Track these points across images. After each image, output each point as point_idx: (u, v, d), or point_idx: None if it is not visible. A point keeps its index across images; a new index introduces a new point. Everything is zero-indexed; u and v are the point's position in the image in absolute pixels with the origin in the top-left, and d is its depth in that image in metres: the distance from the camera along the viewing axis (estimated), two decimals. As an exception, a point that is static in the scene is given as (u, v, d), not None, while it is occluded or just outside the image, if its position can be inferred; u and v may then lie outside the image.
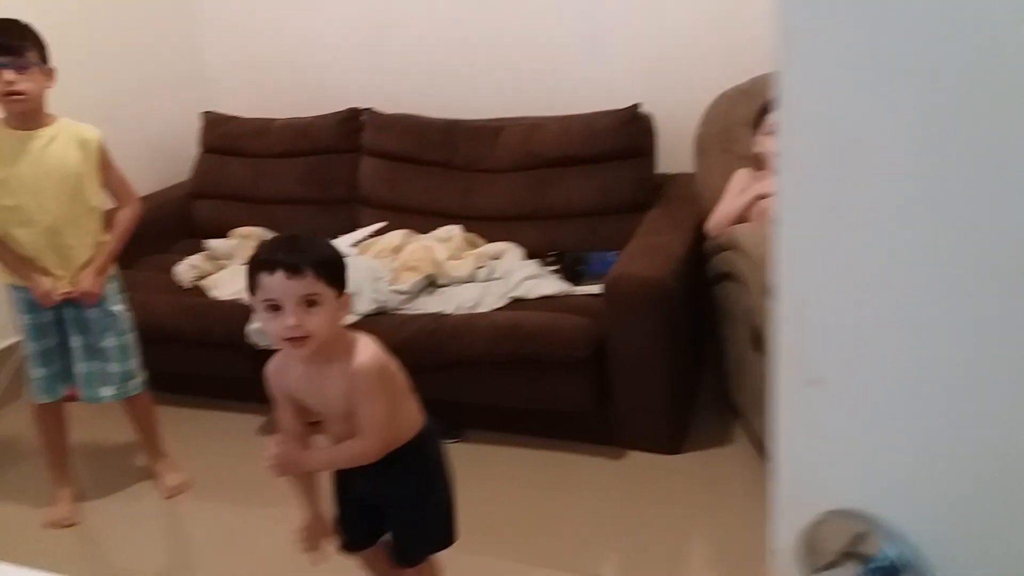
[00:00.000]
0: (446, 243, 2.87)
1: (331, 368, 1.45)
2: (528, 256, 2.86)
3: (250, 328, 2.56)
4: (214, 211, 3.37)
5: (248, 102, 3.55)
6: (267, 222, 3.24)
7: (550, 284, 2.60)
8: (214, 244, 3.10)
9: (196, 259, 3.00)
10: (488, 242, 2.95)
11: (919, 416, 0.46)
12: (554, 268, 2.75)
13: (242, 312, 2.61)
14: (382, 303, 2.56)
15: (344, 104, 3.34)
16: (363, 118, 3.29)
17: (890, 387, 0.46)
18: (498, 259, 2.81)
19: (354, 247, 2.93)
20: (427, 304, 2.60)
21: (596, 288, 2.47)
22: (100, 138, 2.21)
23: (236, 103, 3.54)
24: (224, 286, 2.82)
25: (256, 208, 3.31)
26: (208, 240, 3.14)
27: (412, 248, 2.79)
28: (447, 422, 2.57)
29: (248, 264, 1.40)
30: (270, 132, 3.37)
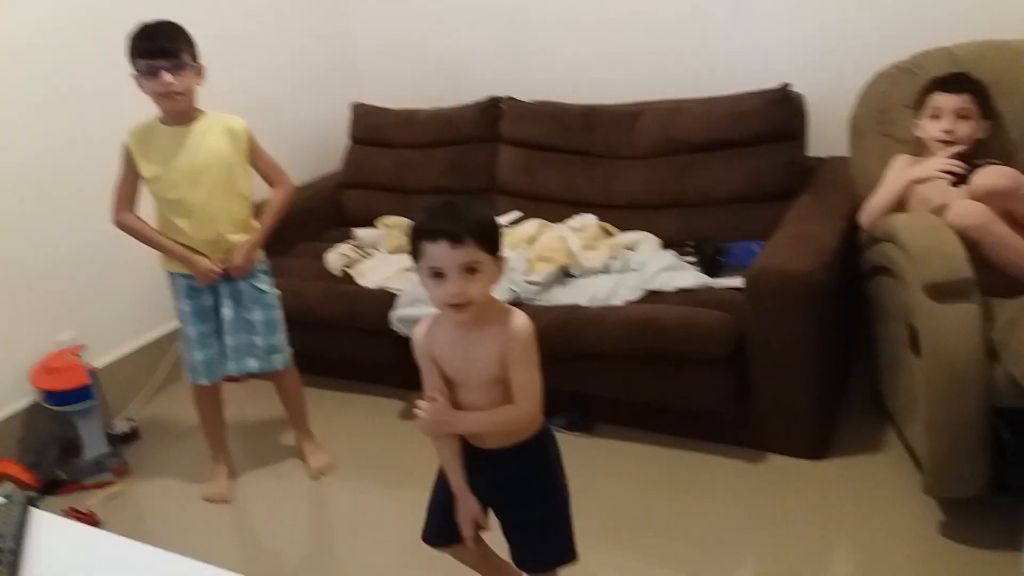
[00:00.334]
0: (580, 233, 2.84)
1: (484, 332, 1.45)
2: (665, 246, 2.77)
3: (394, 315, 2.65)
4: (362, 201, 3.51)
5: (395, 93, 3.65)
6: (411, 213, 3.31)
7: (688, 276, 2.51)
8: (361, 233, 3.22)
9: (345, 247, 3.13)
10: (624, 231, 2.89)
11: None
12: (692, 259, 2.65)
13: (387, 300, 2.70)
14: (516, 294, 2.57)
15: (485, 93, 3.36)
16: (503, 106, 3.31)
17: None
18: (633, 249, 2.74)
19: (491, 237, 2.96)
20: (560, 295, 2.58)
21: (737, 281, 2.36)
22: (246, 126, 2.33)
23: (384, 94, 3.65)
24: (370, 274, 2.93)
25: (400, 198, 3.41)
26: (356, 229, 3.27)
27: (546, 238, 2.77)
28: (576, 413, 2.57)
29: (411, 231, 1.44)
30: (415, 123, 3.45)
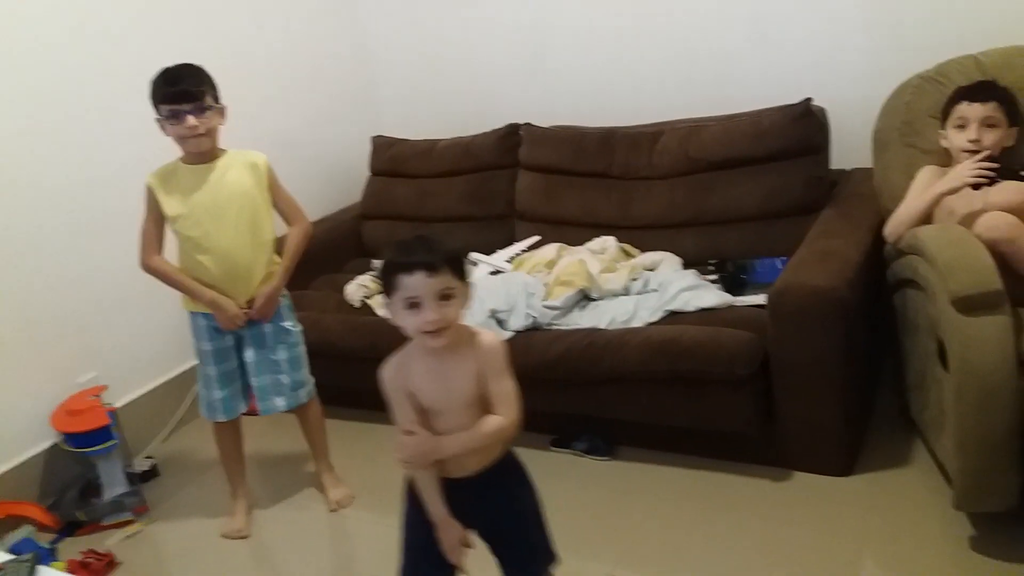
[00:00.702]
0: (600, 255, 2.79)
1: (458, 355, 1.50)
2: (686, 265, 2.72)
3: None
4: (382, 231, 3.52)
5: (414, 124, 3.68)
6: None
7: (709, 296, 2.44)
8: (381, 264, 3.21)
9: (364, 278, 3.12)
10: (644, 252, 2.84)
11: None
12: (714, 278, 2.59)
13: (405, 330, 2.68)
14: (535, 319, 2.53)
15: (504, 120, 3.37)
16: (521, 133, 3.30)
17: None
18: (653, 270, 2.69)
19: (509, 262, 2.94)
20: (580, 319, 2.53)
21: (761, 298, 2.30)
22: (267, 161, 2.35)
23: (403, 125, 3.68)
24: (389, 304, 2.91)
25: (420, 227, 3.40)
26: (376, 260, 3.27)
27: (566, 262, 2.73)
28: (598, 438, 2.51)
29: (384, 268, 1.47)
30: (434, 153, 3.47)
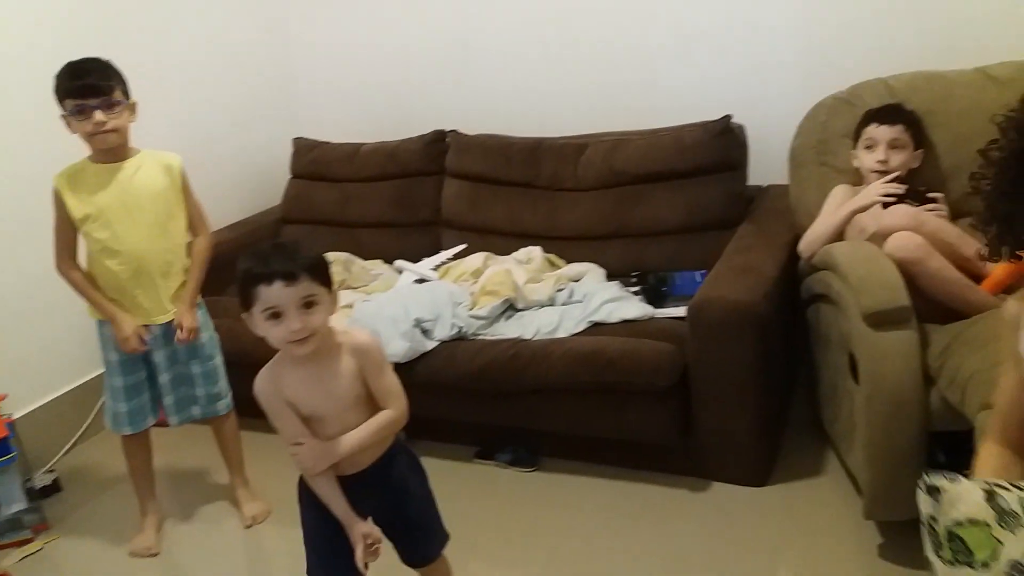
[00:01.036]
0: (526, 265, 2.80)
1: (335, 358, 1.50)
2: (610, 277, 2.75)
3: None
4: (303, 236, 3.43)
5: (338, 127, 3.61)
6: (353, 246, 3.27)
7: (632, 307, 2.48)
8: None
9: (284, 284, 3.04)
10: (570, 262, 2.86)
11: None
12: (636, 289, 2.63)
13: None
14: (461, 329, 2.51)
15: (430, 126, 3.34)
16: (448, 140, 3.28)
17: None
18: (578, 281, 2.71)
19: (435, 270, 2.91)
20: (506, 329, 2.53)
21: (681, 311, 2.34)
22: (181, 163, 2.26)
23: (326, 129, 3.61)
24: (310, 311, 2.85)
25: (343, 232, 3.35)
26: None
27: (492, 271, 2.73)
28: (523, 450, 2.51)
29: (241, 279, 1.43)
30: (357, 157, 3.41)
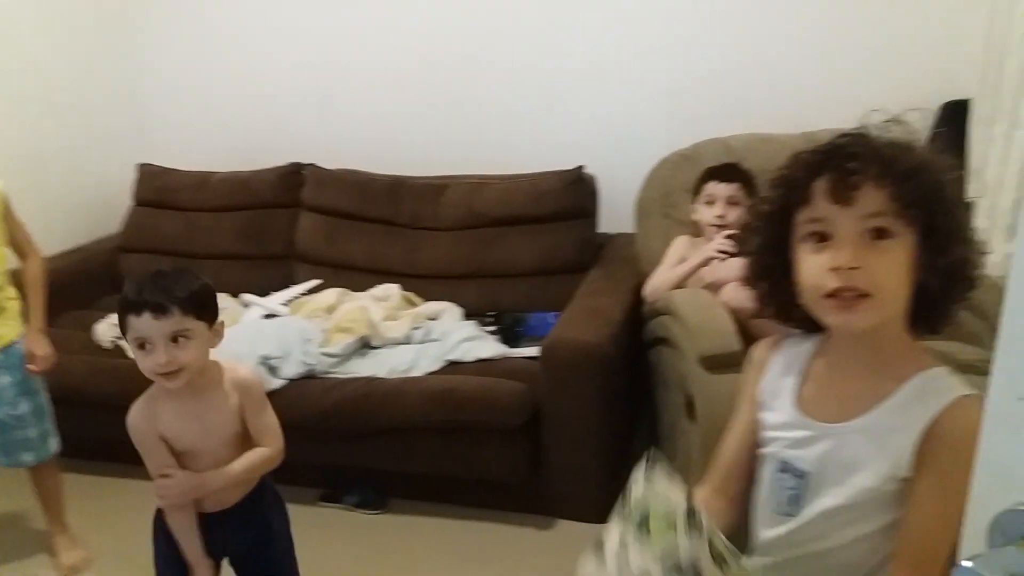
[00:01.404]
0: (383, 302, 2.78)
1: (215, 394, 1.46)
2: (467, 316, 2.78)
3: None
4: (144, 266, 3.23)
5: (187, 155, 3.46)
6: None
7: (487, 346, 2.52)
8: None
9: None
10: (427, 301, 2.87)
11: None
12: (492, 329, 2.67)
13: (164, 373, 2.49)
14: (311, 366, 2.45)
15: (286, 159, 3.27)
16: (305, 173, 3.23)
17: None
18: (435, 319, 2.72)
19: (285, 305, 2.84)
20: (359, 367, 2.50)
21: (534, 351, 2.40)
22: (3, 188, 2.12)
23: (175, 156, 3.45)
24: (148, 345, 2.70)
25: (189, 264, 3.19)
26: (136, 296, 3.01)
27: (346, 308, 2.69)
28: (371, 492, 2.47)
29: (117, 305, 1.40)
30: (208, 185, 3.29)
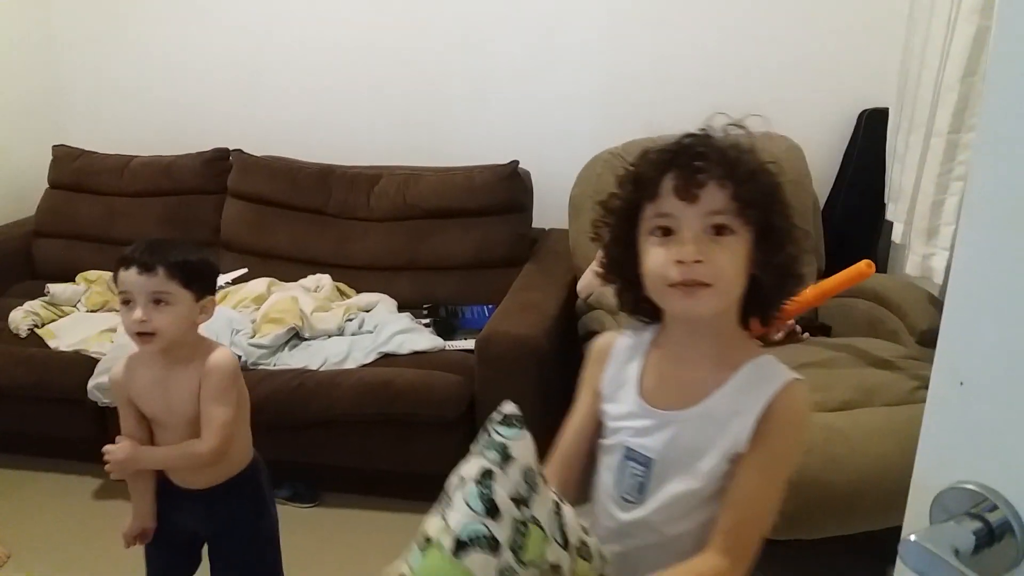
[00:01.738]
0: (314, 293, 2.74)
1: (185, 370, 1.49)
2: (401, 308, 2.77)
3: (92, 383, 2.35)
4: (58, 252, 3.12)
5: (106, 137, 3.33)
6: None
7: (422, 339, 2.51)
8: (56, 288, 2.84)
9: (35, 304, 2.74)
10: (360, 292, 2.84)
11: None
12: (427, 321, 2.67)
13: (84, 365, 2.42)
14: (240, 358, 2.40)
15: (210, 144, 3.18)
16: (231, 159, 3.15)
17: (1017, 391, 0.60)
18: (369, 311, 2.70)
19: (214, 296, 2.76)
20: (291, 359, 2.46)
21: (470, 343, 2.41)
22: None
23: (93, 138, 3.31)
24: (65, 335, 2.59)
25: (108, 249, 3.05)
26: (50, 284, 2.88)
27: (276, 298, 2.64)
28: (302, 484, 2.44)
29: (116, 261, 1.46)
30: (128, 169, 3.17)
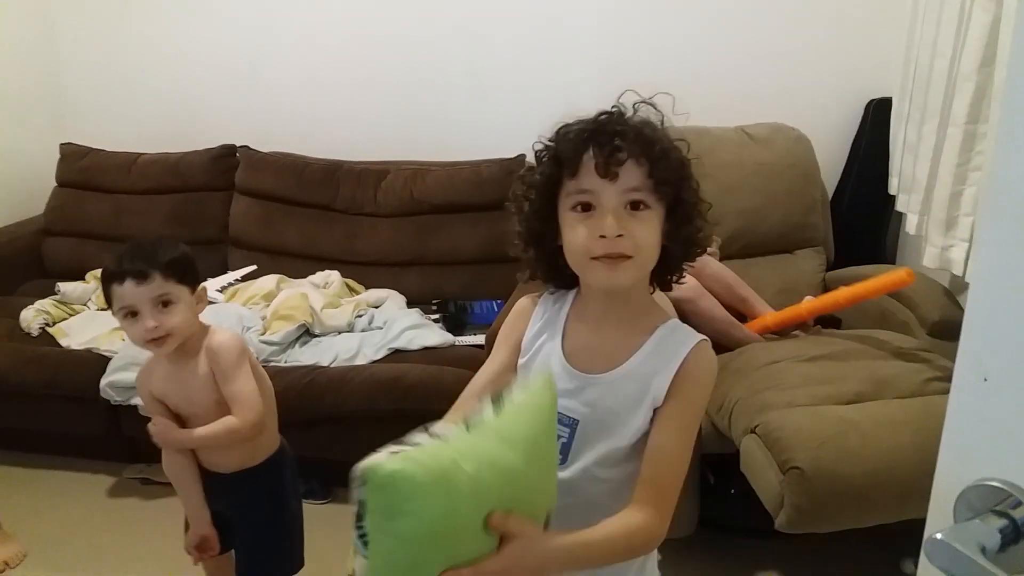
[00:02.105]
0: (323, 289, 2.74)
1: (194, 359, 1.50)
2: (410, 304, 2.77)
3: (104, 381, 2.36)
4: (68, 250, 3.12)
5: (113, 135, 3.32)
6: (129, 263, 3.02)
7: (432, 334, 2.51)
8: (67, 287, 2.85)
9: (46, 303, 2.75)
10: (368, 288, 2.84)
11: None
12: (436, 317, 2.67)
13: (96, 363, 2.42)
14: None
15: (217, 140, 3.17)
16: (238, 155, 3.14)
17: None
18: (378, 307, 2.70)
19: (221, 292, 2.76)
20: (301, 355, 2.46)
21: (479, 339, 2.41)
22: None
23: (100, 135, 3.30)
24: (77, 334, 2.60)
25: (116, 248, 3.00)
26: (61, 283, 2.88)
27: (286, 295, 2.64)
28: (315, 482, 2.44)
29: (101, 279, 1.46)
30: (135, 167, 3.16)
